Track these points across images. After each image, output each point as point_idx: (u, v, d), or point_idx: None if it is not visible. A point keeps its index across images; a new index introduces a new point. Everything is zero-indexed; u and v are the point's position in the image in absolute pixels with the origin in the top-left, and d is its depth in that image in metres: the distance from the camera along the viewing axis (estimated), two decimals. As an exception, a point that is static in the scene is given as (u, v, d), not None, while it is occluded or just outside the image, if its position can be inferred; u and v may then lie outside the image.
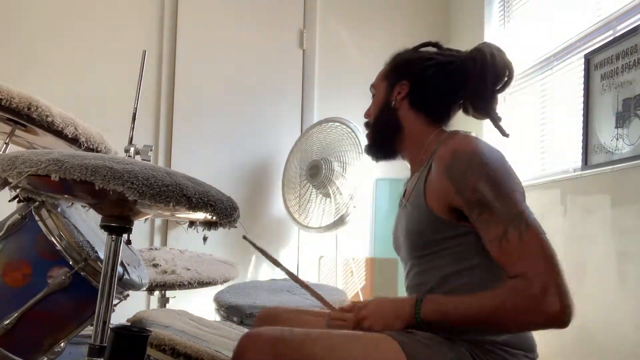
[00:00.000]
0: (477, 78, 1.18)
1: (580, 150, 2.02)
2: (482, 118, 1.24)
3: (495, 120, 1.21)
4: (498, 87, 1.19)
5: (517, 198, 1.02)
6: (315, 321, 1.29)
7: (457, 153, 1.08)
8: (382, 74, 1.30)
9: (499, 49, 1.21)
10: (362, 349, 1.01)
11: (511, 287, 0.96)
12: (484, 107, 1.20)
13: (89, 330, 1.16)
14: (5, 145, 1.45)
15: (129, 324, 1.58)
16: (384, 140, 1.28)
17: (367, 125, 1.32)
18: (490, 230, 1.00)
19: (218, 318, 2.13)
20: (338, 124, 2.76)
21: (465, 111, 1.26)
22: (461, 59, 1.22)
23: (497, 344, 1.04)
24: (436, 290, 1.10)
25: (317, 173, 2.75)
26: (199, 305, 2.77)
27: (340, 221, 2.69)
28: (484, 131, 2.81)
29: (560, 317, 0.92)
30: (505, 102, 2.79)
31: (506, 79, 1.19)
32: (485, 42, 1.23)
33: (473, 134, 1.16)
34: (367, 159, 1.40)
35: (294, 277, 1.30)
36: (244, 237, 1.31)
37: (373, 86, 1.32)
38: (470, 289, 1.05)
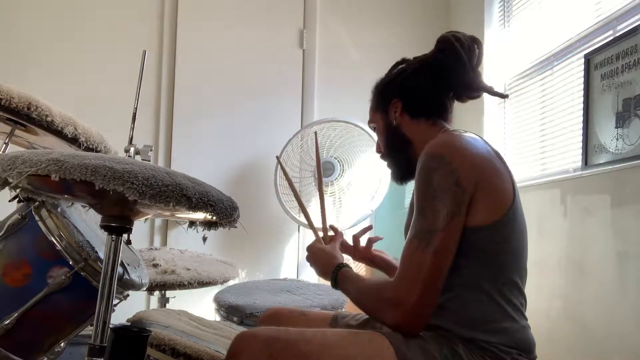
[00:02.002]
0: (453, 63, 1.23)
1: (580, 150, 2.02)
2: (478, 96, 1.27)
3: (489, 91, 1.25)
4: (475, 62, 1.24)
5: (442, 216, 1.03)
6: (318, 322, 1.29)
7: (424, 155, 1.11)
8: (373, 106, 1.35)
9: (456, 31, 1.26)
10: (356, 346, 1.02)
11: (383, 283, 1.08)
12: (473, 85, 1.24)
13: (89, 330, 1.16)
14: (5, 145, 1.45)
15: (129, 324, 1.58)
16: (403, 160, 1.30)
17: (383, 157, 1.36)
18: (410, 232, 1.07)
19: (218, 318, 2.12)
20: (352, 125, 2.75)
21: (460, 99, 1.28)
22: (432, 56, 1.27)
23: (492, 343, 1.04)
24: None
25: (331, 171, 2.75)
26: (199, 305, 2.78)
27: (348, 223, 2.69)
28: (484, 127, 2.82)
29: (400, 329, 1.04)
30: (505, 102, 2.80)
31: (477, 50, 1.23)
32: (443, 34, 1.26)
33: (458, 133, 1.17)
34: (377, 161, 1.41)
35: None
36: (277, 158, 1.65)
37: (370, 121, 1.36)
38: (462, 289, 1.07)
